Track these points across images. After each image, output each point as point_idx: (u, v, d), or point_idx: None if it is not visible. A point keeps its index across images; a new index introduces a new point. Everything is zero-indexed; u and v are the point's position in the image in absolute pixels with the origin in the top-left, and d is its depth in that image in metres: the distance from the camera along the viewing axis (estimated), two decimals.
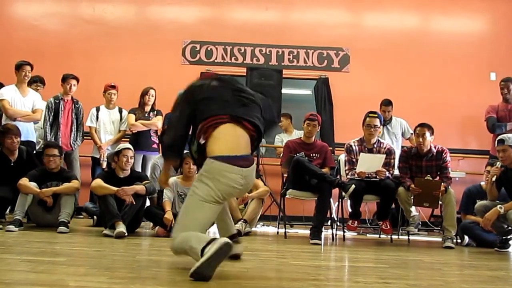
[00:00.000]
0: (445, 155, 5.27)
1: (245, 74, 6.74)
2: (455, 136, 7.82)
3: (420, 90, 8.06)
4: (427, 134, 5.20)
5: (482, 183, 5.55)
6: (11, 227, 4.66)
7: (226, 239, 2.66)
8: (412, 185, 5.09)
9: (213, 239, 2.64)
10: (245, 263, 3.40)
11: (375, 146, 5.41)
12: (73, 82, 6.30)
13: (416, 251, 4.74)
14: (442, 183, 5.08)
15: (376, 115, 5.41)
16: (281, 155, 5.83)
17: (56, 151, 5.26)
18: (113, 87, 6.57)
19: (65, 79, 6.29)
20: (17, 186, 4.97)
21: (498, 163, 5.17)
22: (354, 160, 5.34)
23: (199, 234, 2.82)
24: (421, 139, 5.21)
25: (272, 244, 4.90)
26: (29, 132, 6.06)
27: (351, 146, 5.44)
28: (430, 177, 5.18)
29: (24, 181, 4.98)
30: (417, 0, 8.50)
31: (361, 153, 5.27)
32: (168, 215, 4.89)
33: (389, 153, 5.36)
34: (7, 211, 5.65)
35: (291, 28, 8.40)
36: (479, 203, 5.14)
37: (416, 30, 8.43)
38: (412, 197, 5.16)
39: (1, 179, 5.13)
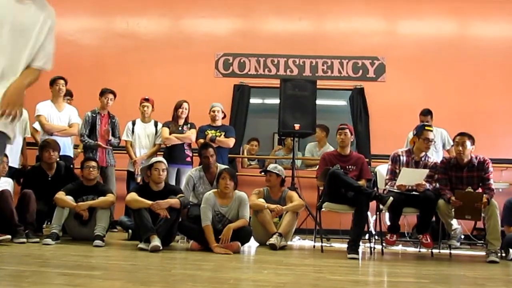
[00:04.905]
0: (487, 166, 5.08)
1: (278, 85, 6.69)
2: (497, 146, 7.52)
3: (459, 98, 7.82)
4: (467, 143, 5.03)
5: None
6: (48, 241, 4.74)
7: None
8: (453, 198, 4.91)
9: None
10: (282, 278, 3.34)
11: (422, 159, 5.29)
12: (111, 96, 6.38)
13: (458, 266, 4.59)
14: (484, 195, 4.89)
15: (431, 129, 5.34)
16: (317, 167, 5.73)
17: (94, 163, 5.41)
18: (147, 100, 6.61)
19: (103, 93, 6.38)
20: (53, 200, 5.05)
21: None
22: (397, 171, 5.21)
23: None
24: (460, 148, 5.04)
25: (309, 258, 4.82)
26: (66, 146, 6.14)
27: (398, 156, 5.31)
28: (471, 188, 5.00)
29: (60, 195, 5.07)
30: (453, 6, 8.22)
31: (403, 168, 5.14)
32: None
33: (434, 167, 5.23)
34: (44, 224, 5.74)
35: (324, 38, 8.30)
36: None
37: (453, 36, 8.19)
38: (453, 209, 4.98)
39: (39, 193, 5.20)
